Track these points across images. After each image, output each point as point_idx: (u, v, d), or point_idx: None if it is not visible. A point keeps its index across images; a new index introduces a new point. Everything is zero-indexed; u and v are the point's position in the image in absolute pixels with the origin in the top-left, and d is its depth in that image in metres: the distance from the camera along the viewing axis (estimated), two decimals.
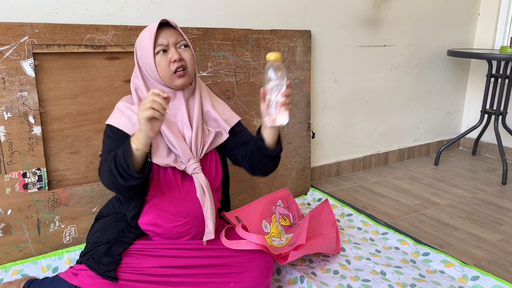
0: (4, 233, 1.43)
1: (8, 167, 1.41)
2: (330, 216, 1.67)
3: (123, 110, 1.23)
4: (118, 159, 1.08)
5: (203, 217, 1.25)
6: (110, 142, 1.21)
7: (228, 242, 1.24)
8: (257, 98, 1.91)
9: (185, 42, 1.22)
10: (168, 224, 1.23)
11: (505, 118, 2.52)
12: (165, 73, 1.19)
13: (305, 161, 2.13)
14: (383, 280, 1.40)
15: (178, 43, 1.21)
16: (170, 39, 1.19)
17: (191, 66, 1.22)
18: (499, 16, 2.74)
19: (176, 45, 1.20)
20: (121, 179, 1.08)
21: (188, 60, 1.21)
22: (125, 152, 1.07)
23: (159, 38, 1.19)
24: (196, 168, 1.23)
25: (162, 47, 1.19)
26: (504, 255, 1.60)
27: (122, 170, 1.07)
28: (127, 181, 1.09)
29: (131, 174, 1.07)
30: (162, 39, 1.19)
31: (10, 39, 1.37)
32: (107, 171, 1.11)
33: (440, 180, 2.40)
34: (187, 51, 1.22)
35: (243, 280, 1.20)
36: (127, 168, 1.07)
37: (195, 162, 1.23)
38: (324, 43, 2.19)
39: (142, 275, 1.14)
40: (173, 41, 1.20)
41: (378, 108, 2.53)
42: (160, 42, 1.18)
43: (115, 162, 1.09)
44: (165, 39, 1.19)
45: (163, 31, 1.19)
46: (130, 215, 1.25)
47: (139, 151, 1.07)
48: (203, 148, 1.26)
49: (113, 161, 1.09)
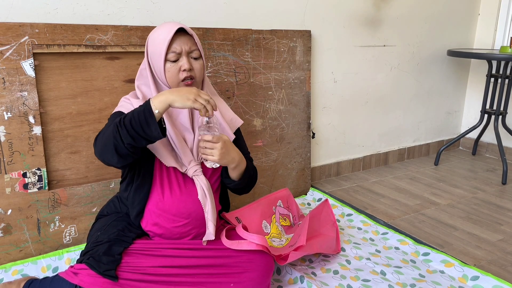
0: (4, 233, 1.43)
1: (8, 167, 1.41)
2: (330, 216, 1.67)
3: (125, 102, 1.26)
4: (132, 116, 1.07)
5: (204, 218, 1.25)
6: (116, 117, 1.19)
7: (229, 242, 1.24)
8: (257, 98, 1.91)
9: (198, 53, 1.22)
10: (169, 225, 1.24)
11: (505, 118, 2.53)
12: (172, 79, 1.20)
13: (305, 161, 2.13)
14: (383, 280, 1.40)
15: (191, 52, 1.21)
16: (184, 47, 1.19)
17: (199, 76, 1.23)
18: (499, 16, 2.74)
19: (188, 54, 1.20)
20: (128, 136, 1.06)
21: (198, 70, 1.22)
22: (145, 111, 1.06)
23: (173, 44, 1.18)
24: (196, 171, 1.24)
25: (175, 55, 1.18)
26: (504, 255, 1.60)
27: (137, 125, 1.05)
28: (136, 140, 1.07)
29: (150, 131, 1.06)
30: (176, 45, 1.18)
31: (10, 39, 1.37)
32: (110, 130, 1.08)
33: (440, 180, 2.40)
34: (198, 62, 1.22)
35: (243, 280, 1.21)
36: (145, 125, 1.05)
37: (196, 165, 1.24)
38: (324, 43, 2.19)
39: (142, 274, 1.14)
40: (187, 49, 1.19)
41: (378, 108, 2.53)
42: (174, 48, 1.18)
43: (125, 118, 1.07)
44: (179, 46, 1.18)
45: (178, 37, 1.19)
46: (133, 214, 1.26)
47: (158, 113, 1.07)
48: None
49: (124, 119, 1.07)
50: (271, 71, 1.94)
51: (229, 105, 1.82)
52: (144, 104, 1.08)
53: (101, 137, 1.13)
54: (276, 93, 1.97)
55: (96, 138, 1.17)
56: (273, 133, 1.99)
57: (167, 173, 1.24)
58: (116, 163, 1.15)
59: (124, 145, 1.08)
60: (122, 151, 1.10)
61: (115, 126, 1.08)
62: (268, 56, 1.91)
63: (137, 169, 1.25)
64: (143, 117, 1.06)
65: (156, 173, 1.24)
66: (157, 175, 1.24)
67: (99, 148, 1.14)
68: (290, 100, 2.02)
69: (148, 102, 1.08)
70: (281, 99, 1.99)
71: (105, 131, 1.13)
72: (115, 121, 1.09)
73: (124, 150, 1.09)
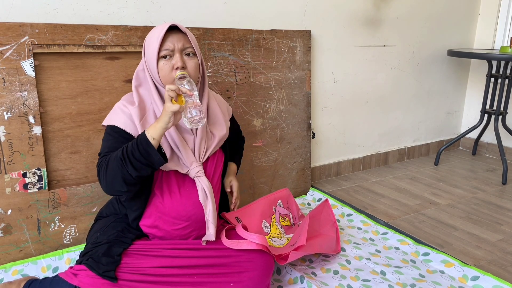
0: (4, 233, 1.43)
1: (8, 167, 1.41)
2: (330, 216, 1.67)
3: (124, 110, 1.22)
4: (132, 149, 1.09)
5: (204, 220, 1.24)
6: (112, 141, 1.20)
7: (229, 242, 1.24)
8: (257, 98, 1.91)
9: (192, 50, 1.20)
10: (169, 227, 1.23)
11: (505, 118, 2.52)
12: (166, 78, 1.18)
13: (305, 161, 2.13)
14: (383, 280, 1.40)
15: (184, 49, 1.19)
16: (177, 44, 1.17)
17: (194, 74, 1.20)
18: (499, 16, 2.74)
19: (182, 51, 1.18)
20: (133, 169, 1.09)
21: (192, 68, 1.19)
22: (142, 142, 1.09)
23: (166, 42, 1.17)
24: (198, 172, 1.23)
25: (168, 52, 1.17)
26: (504, 255, 1.60)
27: (139, 157, 1.08)
28: (142, 171, 1.10)
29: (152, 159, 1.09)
30: (169, 43, 1.17)
31: (10, 39, 1.37)
32: (115, 165, 1.11)
33: (440, 180, 2.40)
34: (192, 60, 1.20)
35: (243, 280, 1.20)
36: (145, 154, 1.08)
37: (198, 166, 1.23)
38: (324, 43, 2.19)
39: (142, 275, 1.13)
40: (180, 47, 1.18)
41: (378, 108, 2.53)
42: (166, 46, 1.17)
43: (127, 153, 1.09)
44: (171, 43, 1.17)
45: (171, 35, 1.17)
46: (132, 217, 1.25)
47: (155, 141, 1.09)
48: (206, 152, 1.26)
49: (125, 152, 1.10)
50: (271, 71, 1.94)
51: (229, 105, 1.82)
52: (140, 135, 1.11)
53: (105, 172, 1.14)
54: (276, 93, 1.97)
55: (98, 172, 1.17)
56: (273, 133, 1.99)
57: (166, 176, 1.24)
58: (126, 192, 1.17)
59: (133, 177, 1.11)
60: (131, 182, 1.13)
61: (119, 162, 1.10)
62: (268, 56, 1.91)
63: None
64: (143, 148, 1.09)
65: (155, 177, 1.24)
66: (156, 179, 1.23)
67: (108, 183, 1.15)
68: (290, 100, 2.02)
69: (144, 133, 1.11)
70: (281, 99, 1.99)
71: (109, 165, 1.13)
72: (118, 156, 1.11)
73: (133, 181, 1.13)
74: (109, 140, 1.20)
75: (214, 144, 1.28)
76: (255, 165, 1.94)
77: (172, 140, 1.21)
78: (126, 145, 1.12)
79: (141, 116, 1.20)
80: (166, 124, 1.09)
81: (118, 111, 1.23)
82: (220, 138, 1.30)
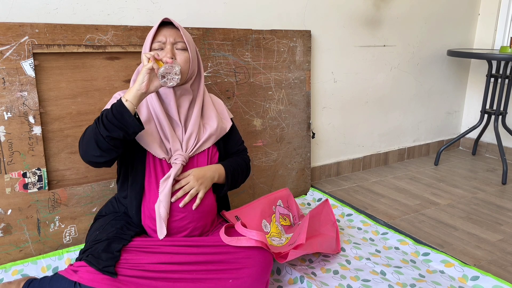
0: (4, 233, 1.43)
1: (8, 167, 1.41)
2: (330, 216, 1.67)
3: (117, 97, 1.29)
4: (107, 111, 1.12)
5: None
6: None
7: (228, 238, 1.24)
8: (257, 98, 1.91)
9: (183, 45, 1.24)
10: None
11: (505, 118, 2.53)
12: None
13: (305, 161, 2.13)
14: (383, 280, 1.40)
15: (176, 43, 1.24)
16: (168, 38, 1.22)
17: (184, 68, 1.23)
18: (499, 16, 2.74)
19: (173, 45, 1.23)
20: (104, 129, 1.11)
21: (182, 61, 1.23)
22: (117, 104, 1.11)
23: (158, 36, 1.23)
24: (177, 159, 1.25)
25: (160, 44, 1.23)
26: (504, 255, 1.60)
27: (111, 118, 1.10)
28: (112, 132, 1.11)
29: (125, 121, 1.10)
30: (161, 36, 1.23)
31: (10, 39, 1.37)
32: (90, 129, 1.14)
33: (440, 180, 2.40)
34: (183, 54, 1.24)
35: (241, 277, 1.21)
36: (118, 115, 1.10)
37: (179, 154, 1.26)
38: (324, 43, 2.19)
39: (141, 271, 1.14)
40: (171, 40, 1.23)
41: (378, 108, 2.53)
42: (159, 39, 1.23)
43: (101, 115, 1.13)
44: (163, 36, 1.23)
45: (164, 29, 1.24)
46: (133, 210, 1.28)
47: (128, 102, 1.11)
48: (195, 146, 1.29)
49: (100, 116, 1.13)
50: (271, 71, 1.94)
51: (229, 105, 1.82)
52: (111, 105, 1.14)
53: (82, 138, 1.19)
54: (276, 93, 1.97)
55: (79, 141, 1.21)
56: (273, 133, 1.99)
57: (161, 167, 1.26)
58: (99, 158, 1.17)
59: (104, 139, 1.12)
60: (103, 146, 1.13)
61: (94, 123, 1.14)
62: (268, 56, 1.91)
63: (130, 165, 1.27)
64: (116, 109, 1.11)
65: (150, 167, 1.27)
66: (151, 169, 1.26)
67: (83, 147, 1.18)
68: (290, 100, 2.02)
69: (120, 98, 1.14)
70: (281, 99, 1.99)
71: (86, 131, 1.18)
72: (94, 121, 1.15)
73: (105, 144, 1.13)
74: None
75: (205, 137, 1.31)
76: (255, 165, 1.94)
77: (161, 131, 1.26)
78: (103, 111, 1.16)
79: None
80: (140, 84, 1.11)
81: (113, 99, 1.30)
82: (210, 132, 1.32)
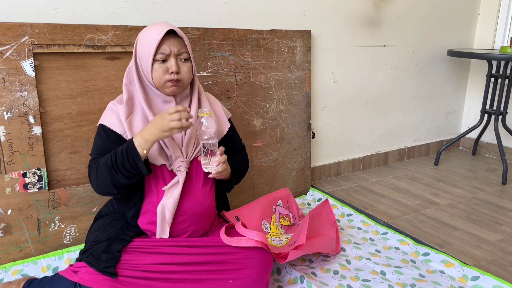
0: (4, 233, 1.43)
1: (8, 167, 1.41)
2: (330, 216, 1.67)
3: (113, 109, 1.27)
4: (122, 160, 1.14)
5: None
6: (100, 141, 1.25)
7: (228, 239, 1.24)
8: (257, 98, 1.91)
9: (186, 55, 1.22)
10: None
11: (505, 118, 2.52)
12: (158, 80, 1.21)
13: (305, 161, 2.13)
14: (383, 280, 1.40)
15: (180, 54, 1.21)
16: (173, 49, 1.19)
17: (187, 78, 1.24)
18: (499, 16, 2.74)
19: (177, 56, 1.21)
20: (124, 178, 1.15)
21: (185, 72, 1.23)
22: (132, 153, 1.14)
23: (163, 45, 1.18)
24: (180, 166, 1.25)
25: (163, 56, 1.19)
26: (504, 255, 1.60)
27: (129, 168, 1.14)
28: (131, 179, 1.17)
29: (141, 173, 1.16)
30: (166, 47, 1.18)
31: (10, 39, 1.37)
32: (105, 173, 1.16)
33: (440, 180, 2.40)
34: (186, 65, 1.23)
35: (242, 277, 1.21)
36: (135, 167, 1.14)
37: (182, 161, 1.25)
38: (324, 43, 2.19)
39: (141, 271, 1.14)
40: (175, 51, 1.20)
41: (378, 108, 2.53)
42: (163, 49, 1.18)
43: (116, 162, 1.15)
44: (168, 47, 1.19)
45: (168, 39, 1.19)
46: (130, 214, 1.27)
47: (145, 152, 1.15)
48: (194, 150, 1.29)
49: (115, 161, 1.15)
50: (271, 71, 1.94)
51: (229, 105, 1.82)
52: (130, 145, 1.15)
53: (95, 177, 1.20)
54: (276, 93, 1.97)
55: (89, 174, 1.24)
56: (273, 133, 1.99)
57: (160, 172, 1.26)
58: (117, 194, 1.25)
59: (122, 184, 1.17)
60: (120, 185, 1.19)
61: (109, 170, 1.16)
62: (268, 56, 1.91)
63: None
64: (133, 160, 1.14)
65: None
66: (150, 175, 1.25)
67: (99, 187, 1.22)
68: (290, 100, 2.02)
69: (132, 143, 1.15)
70: (281, 99, 1.99)
71: (98, 171, 1.19)
72: (107, 165, 1.16)
73: (122, 186, 1.19)
74: (98, 141, 1.26)
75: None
76: (255, 165, 1.94)
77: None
78: (115, 152, 1.16)
79: (128, 114, 1.24)
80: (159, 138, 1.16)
81: (108, 110, 1.28)
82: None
